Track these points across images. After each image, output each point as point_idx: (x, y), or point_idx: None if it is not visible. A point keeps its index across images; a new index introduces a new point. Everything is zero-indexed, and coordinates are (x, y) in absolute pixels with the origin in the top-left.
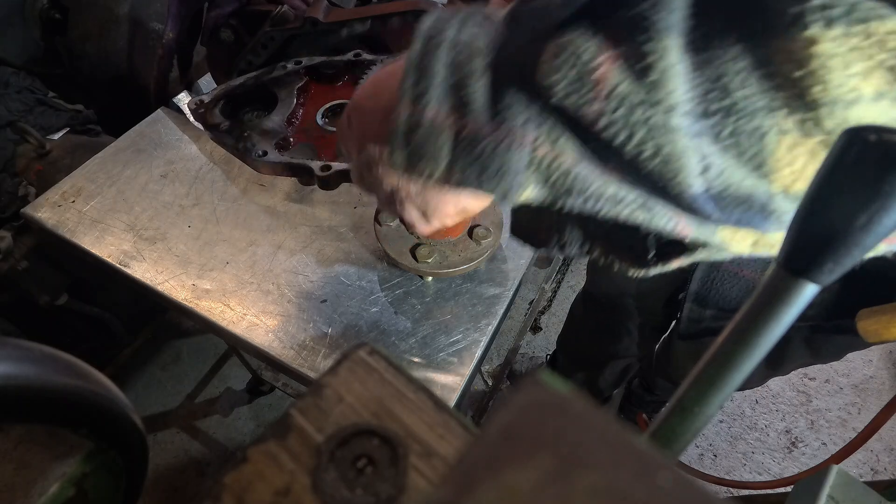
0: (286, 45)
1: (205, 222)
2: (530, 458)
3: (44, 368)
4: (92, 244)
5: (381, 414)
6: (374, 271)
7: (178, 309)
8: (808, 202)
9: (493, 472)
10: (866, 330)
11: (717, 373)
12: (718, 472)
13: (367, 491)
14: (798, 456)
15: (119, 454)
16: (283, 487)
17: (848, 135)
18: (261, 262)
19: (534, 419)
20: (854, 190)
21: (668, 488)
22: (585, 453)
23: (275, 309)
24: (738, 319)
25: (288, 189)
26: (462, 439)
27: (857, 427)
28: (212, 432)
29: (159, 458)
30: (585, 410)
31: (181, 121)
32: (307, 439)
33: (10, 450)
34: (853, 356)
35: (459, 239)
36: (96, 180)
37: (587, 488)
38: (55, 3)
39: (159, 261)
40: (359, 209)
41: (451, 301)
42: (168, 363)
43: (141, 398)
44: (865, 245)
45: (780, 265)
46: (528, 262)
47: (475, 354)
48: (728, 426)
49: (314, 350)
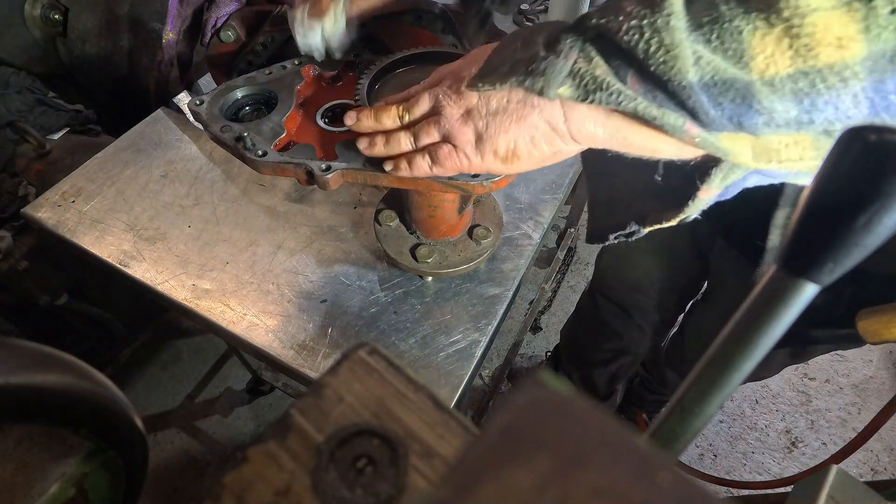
0: (286, 45)
1: (205, 222)
2: (530, 458)
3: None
4: (92, 244)
5: (382, 414)
6: (374, 271)
7: (178, 309)
8: (808, 202)
9: (493, 472)
10: (866, 330)
11: (717, 373)
12: (718, 472)
13: (367, 491)
14: (798, 456)
15: (119, 454)
16: (283, 487)
17: (848, 135)
18: (261, 262)
19: (534, 419)
20: (854, 190)
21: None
22: (585, 453)
23: (275, 309)
24: (738, 319)
25: (288, 189)
26: (462, 439)
27: (857, 427)
28: (212, 432)
29: (159, 458)
30: (585, 410)
31: (181, 121)
32: (307, 439)
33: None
34: (853, 356)
35: (459, 239)
36: (96, 180)
37: (587, 488)
38: (55, 3)
39: (159, 261)
40: (359, 209)
41: (451, 301)
42: (168, 363)
43: (141, 398)
44: (865, 245)
45: (780, 265)
46: (528, 262)
47: (475, 354)
48: (728, 426)
49: (314, 350)
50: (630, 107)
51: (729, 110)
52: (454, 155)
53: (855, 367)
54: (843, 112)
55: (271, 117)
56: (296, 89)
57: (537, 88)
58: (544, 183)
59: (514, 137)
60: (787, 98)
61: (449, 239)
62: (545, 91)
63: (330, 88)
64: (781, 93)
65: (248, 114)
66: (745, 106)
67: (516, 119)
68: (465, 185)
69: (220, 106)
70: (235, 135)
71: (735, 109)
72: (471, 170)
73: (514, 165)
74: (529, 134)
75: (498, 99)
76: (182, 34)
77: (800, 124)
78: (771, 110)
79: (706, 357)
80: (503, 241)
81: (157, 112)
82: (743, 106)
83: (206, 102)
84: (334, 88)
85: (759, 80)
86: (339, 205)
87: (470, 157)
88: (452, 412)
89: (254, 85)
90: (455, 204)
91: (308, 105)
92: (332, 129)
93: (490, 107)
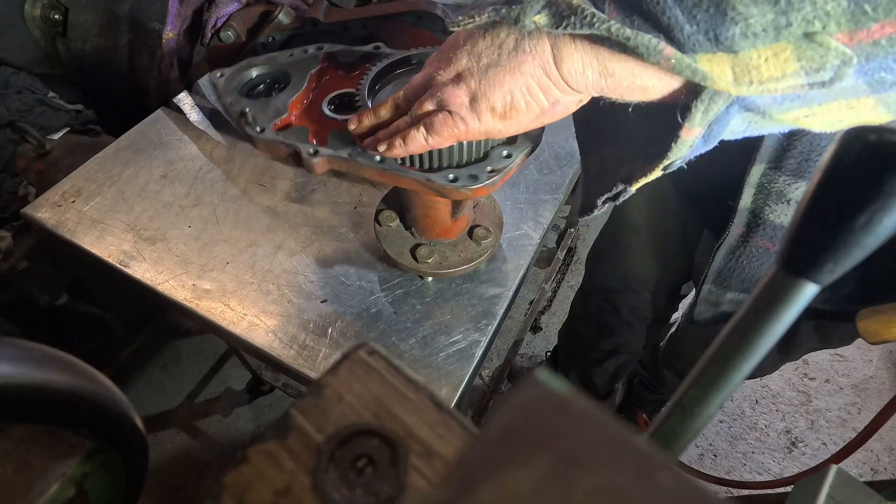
0: (286, 46)
1: (205, 222)
2: (530, 458)
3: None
4: (92, 244)
5: (381, 414)
6: (374, 271)
7: (178, 309)
8: (808, 202)
9: (493, 472)
10: (866, 330)
11: (717, 373)
12: (718, 472)
13: (367, 491)
14: (798, 456)
15: (119, 454)
16: (283, 487)
17: (848, 135)
18: (261, 263)
19: (533, 419)
20: (854, 190)
21: (667, 488)
22: (585, 453)
23: (275, 309)
24: (738, 319)
25: (288, 189)
26: (462, 439)
27: (857, 427)
28: (212, 432)
29: (159, 458)
30: (585, 410)
31: (181, 121)
32: (307, 439)
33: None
34: (853, 356)
35: (459, 239)
36: (96, 180)
37: (587, 488)
38: (55, 3)
39: (159, 261)
40: (359, 209)
41: (451, 301)
42: (168, 363)
43: (141, 398)
44: (865, 245)
45: (780, 265)
46: (528, 262)
47: (475, 354)
48: (728, 426)
49: (314, 350)
50: (603, 28)
51: (704, 22)
52: (449, 120)
53: (855, 367)
54: (820, 7)
55: (279, 97)
56: (310, 73)
57: (513, 16)
58: (544, 183)
59: (510, 89)
60: (763, 0)
61: (448, 239)
62: (521, 18)
63: (345, 77)
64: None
65: (262, 92)
66: (720, 15)
67: (509, 70)
68: (442, 187)
69: (238, 81)
70: (241, 109)
71: (710, 20)
72: (468, 135)
73: (513, 121)
74: (525, 84)
75: (488, 53)
76: (182, 34)
77: (777, 29)
78: (746, 16)
79: (706, 357)
80: (503, 241)
81: (157, 112)
82: (718, 15)
83: (226, 76)
84: (349, 77)
85: None
86: (339, 205)
87: (466, 120)
88: (452, 412)
89: (273, 64)
90: (448, 206)
91: (319, 90)
92: (334, 117)
93: (481, 63)
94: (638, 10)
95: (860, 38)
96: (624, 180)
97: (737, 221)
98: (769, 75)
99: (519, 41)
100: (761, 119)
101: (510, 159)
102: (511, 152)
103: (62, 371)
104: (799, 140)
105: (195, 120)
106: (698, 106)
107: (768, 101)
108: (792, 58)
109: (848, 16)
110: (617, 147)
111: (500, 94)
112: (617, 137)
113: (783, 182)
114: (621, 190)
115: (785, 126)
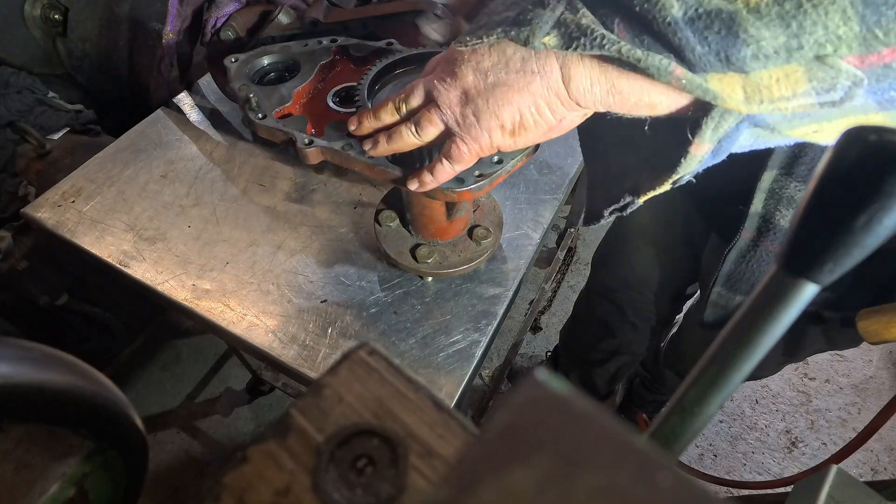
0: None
1: (205, 222)
2: (530, 458)
3: (44, 368)
4: (92, 244)
5: (381, 414)
6: (374, 271)
7: (178, 309)
8: (808, 202)
9: (493, 472)
10: (866, 330)
11: (717, 373)
12: (718, 472)
13: (367, 491)
14: (798, 456)
15: (119, 454)
16: (283, 487)
17: (848, 135)
18: (261, 263)
19: (534, 419)
20: (854, 190)
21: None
22: (585, 453)
23: (275, 309)
24: (738, 319)
25: (288, 189)
26: (462, 439)
27: (857, 427)
28: (212, 432)
29: (159, 458)
30: (585, 410)
31: (181, 121)
32: (307, 439)
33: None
34: (853, 356)
35: (459, 239)
36: (96, 180)
37: (587, 488)
38: (55, 3)
39: (159, 261)
40: (359, 209)
41: (451, 301)
42: (168, 363)
43: (141, 398)
44: (865, 245)
45: (780, 265)
46: (528, 262)
47: (475, 354)
48: (728, 426)
49: (314, 350)
50: (613, 49)
51: (715, 44)
52: (463, 147)
53: (855, 367)
54: (832, 31)
55: (286, 85)
56: (319, 65)
57: (523, 37)
58: (544, 183)
59: (519, 108)
60: (774, 23)
61: (447, 239)
62: (530, 40)
63: (355, 71)
64: (768, 18)
65: (272, 79)
66: (732, 37)
67: (518, 90)
68: None
69: (250, 67)
70: (246, 95)
71: (721, 42)
72: (482, 153)
73: (521, 138)
74: (533, 103)
75: (495, 71)
76: (182, 34)
77: (789, 51)
78: (758, 38)
79: (706, 357)
80: (503, 241)
81: (157, 112)
82: (729, 37)
83: (240, 61)
84: (359, 71)
85: (745, 7)
86: (339, 205)
87: (479, 141)
88: (452, 412)
89: (286, 53)
90: (442, 206)
91: (327, 82)
92: (336, 109)
93: (488, 82)
94: (648, 30)
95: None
96: (631, 192)
97: (747, 226)
98: (780, 95)
99: (526, 59)
100: (770, 134)
101: (500, 165)
102: (502, 158)
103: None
104: (810, 147)
105: (195, 120)
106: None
107: (778, 119)
108: (803, 79)
109: (860, 40)
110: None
111: (510, 113)
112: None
113: (794, 188)
114: (629, 202)
115: (792, 140)
